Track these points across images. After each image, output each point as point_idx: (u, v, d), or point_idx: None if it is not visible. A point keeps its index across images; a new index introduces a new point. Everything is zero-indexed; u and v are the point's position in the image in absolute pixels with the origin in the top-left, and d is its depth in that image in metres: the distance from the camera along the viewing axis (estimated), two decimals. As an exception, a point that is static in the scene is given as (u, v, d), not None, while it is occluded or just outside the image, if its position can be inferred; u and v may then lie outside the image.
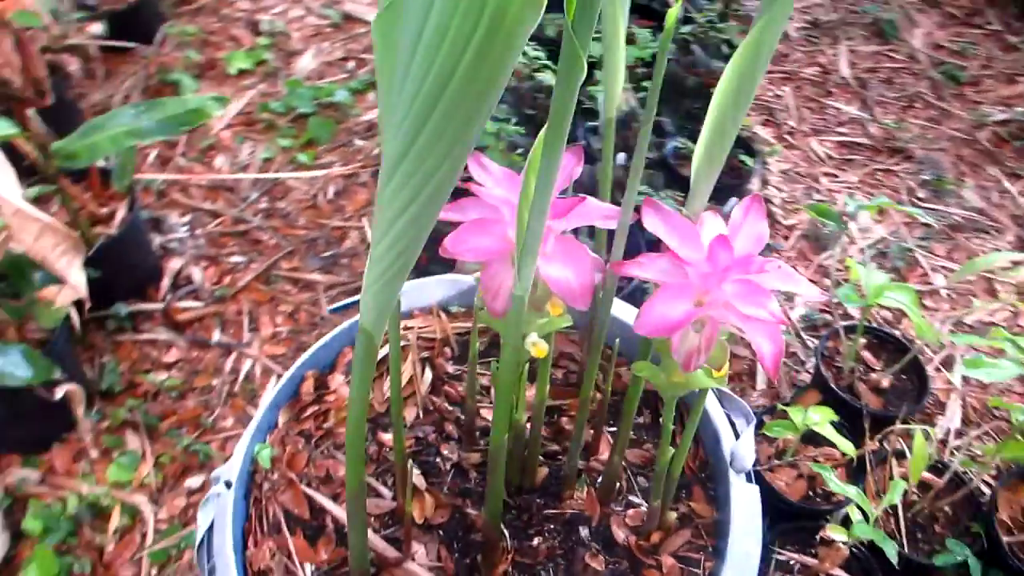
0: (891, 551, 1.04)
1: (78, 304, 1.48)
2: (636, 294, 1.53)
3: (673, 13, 0.61)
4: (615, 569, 0.94)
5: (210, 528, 0.96)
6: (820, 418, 1.24)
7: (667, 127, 1.86)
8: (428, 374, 1.12)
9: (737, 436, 1.00)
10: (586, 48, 0.49)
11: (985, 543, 1.24)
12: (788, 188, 2.00)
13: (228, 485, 0.98)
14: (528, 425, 0.96)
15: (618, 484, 1.00)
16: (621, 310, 1.09)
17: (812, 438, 1.29)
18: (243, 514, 0.99)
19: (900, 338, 1.49)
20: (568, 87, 0.51)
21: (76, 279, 0.99)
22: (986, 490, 1.36)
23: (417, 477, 1.01)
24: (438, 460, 1.04)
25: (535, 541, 0.97)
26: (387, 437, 1.06)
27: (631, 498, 1.01)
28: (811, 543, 1.24)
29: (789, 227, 1.92)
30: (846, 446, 1.20)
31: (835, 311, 1.65)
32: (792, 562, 1.22)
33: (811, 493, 1.29)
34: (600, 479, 1.00)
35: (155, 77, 2.38)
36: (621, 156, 1.71)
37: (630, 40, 1.99)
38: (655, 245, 0.67)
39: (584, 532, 0.97)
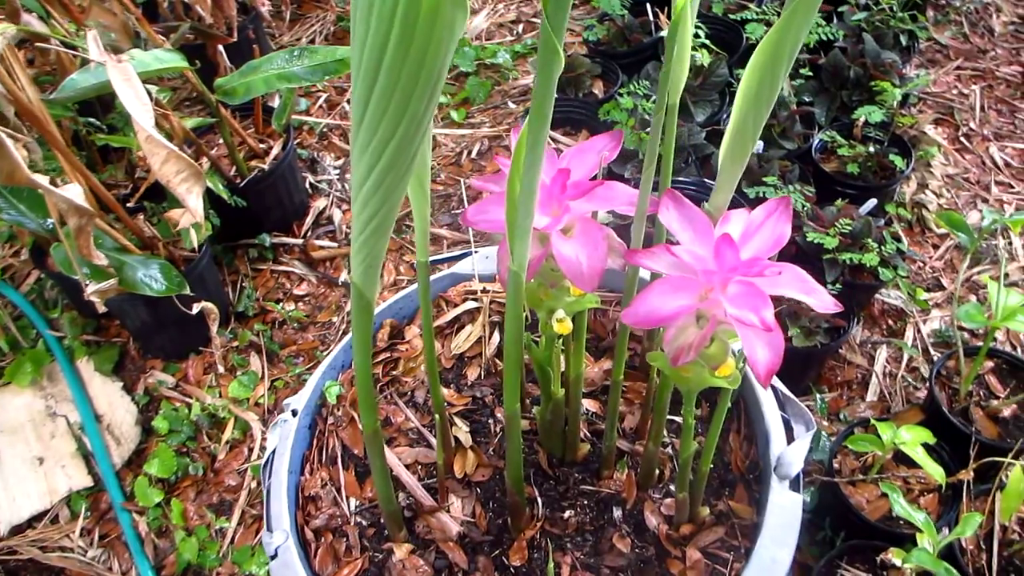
0: (950, 589, 0.97)
1: (221, 230, 1.63)
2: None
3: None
4: (640, 554, 0.94)
5: (275, 451, 1.05)
6: (912, 438, 1.17)
7: (819, 119, 1.77)
8: (496, 337, 1.15)
9: (790, 442, 0.97)
10: (561, 39, 0.49)
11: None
12: (950, 194, 1.84)
13: (294, 413, 1.07)
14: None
15: (659, 471, 0.99)
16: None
17: (909, 458, 1.21)
18: (305, 443, 1.07)
19: (1036, 366, 1.35)
20: (547, 77, 0.51)
21: (194, 204, 1.10)
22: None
23: (464, 434, 1.05)
24: (490, 421, 1.07)
25: (567, 513, 0.98)
26: (447, 391, 1.11)
27: (672, 488, 1.00)
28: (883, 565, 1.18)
29: (942, 236, 1.77)
30: (935, 471, 1.12)
31: (971, 331, 1.52)
32: (856, 582, 1.16)
33: (894, 515, 1.21)
34: (640, 464, 1.00)
35: (338, 24, 2.52)
36: (759, 144, 1.65)
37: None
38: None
39: (617, 513, 0.98)
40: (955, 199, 1.83)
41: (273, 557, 0.95)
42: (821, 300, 0.63)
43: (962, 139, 1.97)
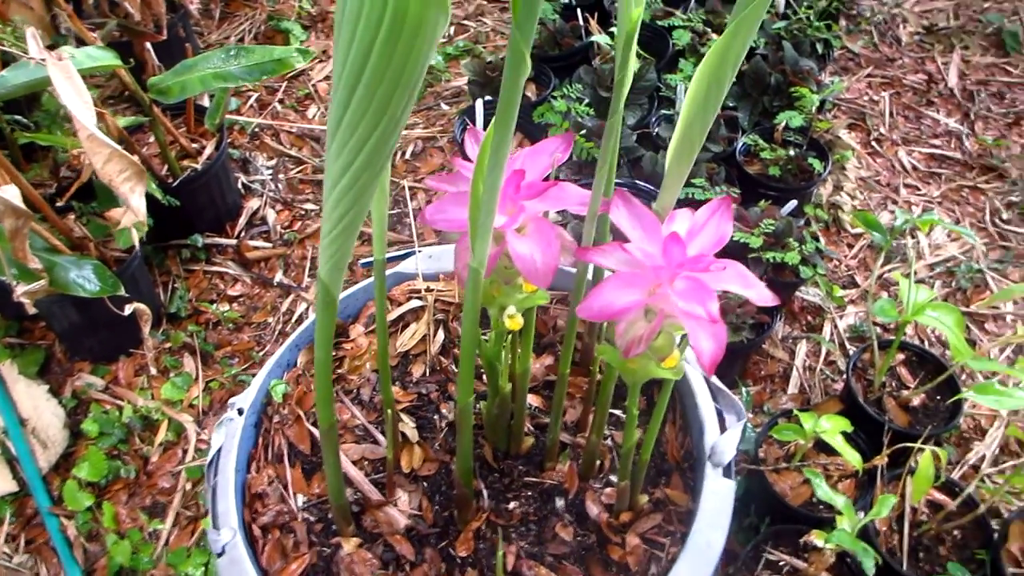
0: (868, 563, 1.04)
1: (153, 231, 1.60)
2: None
3: (636, 14, 0.63)
4: (582, 542, 0.98)
5: (221, 449, 1.05)
6: (831, 427, 1.24)
7: (742, 122, 1.84)
8: (441, 335, 1.17)
9: (723, 431, 1.02)
10: (528, 45, 0.52)
11: (989, 573, 1.21)
12: (863, 196, 1.95)
13: (240, 412, 1.07)
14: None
15: (599, 463, 1.03)
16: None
17: (828, 446, 1.29)
18: (251, 441, 1.08)
19: (940, 358, 1.45)
20: (514, 81, 0.54)
21: (136, 204, 1.09)
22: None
23: (411, 430, 1.07)
24: (435, 417, 1.10)
25: (511, 505, 1.01)
26: (393, 388, 1.12)
27: (612, 478, 1.04)
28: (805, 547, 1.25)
29: (856, 236, 1.88)
30: (853, 457, 1.20)
31: (884, 326, 1.62)
32: (782, 563, 1.23)
33: (815, 500, 1.29)
34: (582, 455, 1.04)
35: (268, 23, 2.49)
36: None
37: (719, 30, 1.97)
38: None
39: (560, 503, 1.01)
40: (868, 200, 1.94)
41: (220, 554, 0.95)
42: (760, 294, 0.67)
43: (873, 143, 2.09)
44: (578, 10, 2.02)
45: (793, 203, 1.62)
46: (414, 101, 0.49)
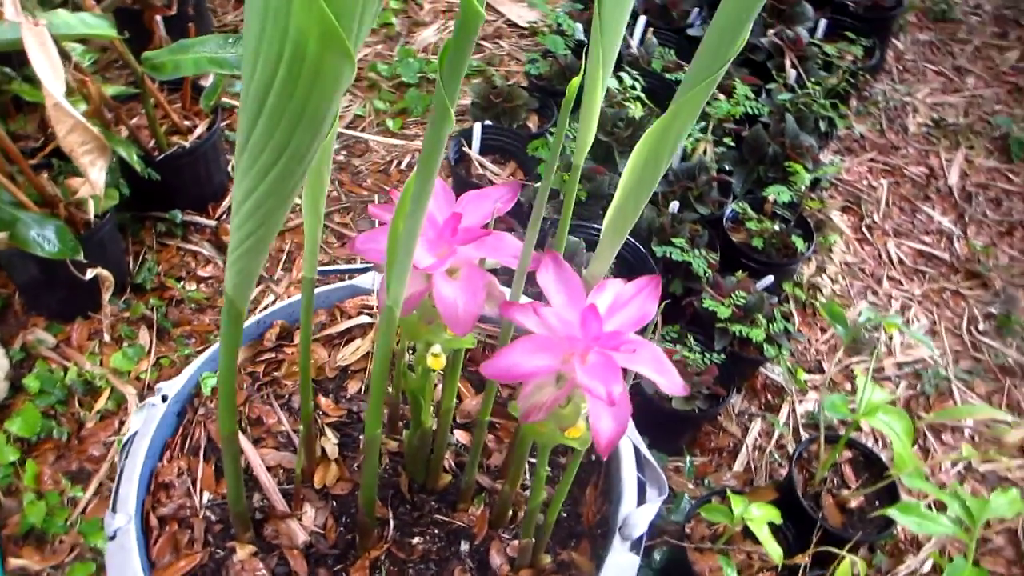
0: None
1: (133, 199, 1.60)
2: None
3: (597, 98, 0.63)
4: (478, 590, 0.96)
5: (137, 433, 1.04)
6: (760, 515, 1.22)
7: (735, 188, 1.84)
8: (382, 355, 1.16)
9: (640, 503, 1.00)
10: (453, 100, 0.51)
11: None
12: (844, 282, 1.94)
13: (164, 399, 1.05)
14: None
15: (512, 512, 1.02)
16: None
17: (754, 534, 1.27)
18: (170, 429, 1.06)
19: (887, 463, 1.43)
20: (437, 133, 0.54)
21: (95, 177, 1.08)
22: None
23: (332, 446, 1.06)
24: (360, 437, 1.08)
25: (416, 540, 1.00)
26: (324, 400, 1.11)
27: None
28: (713, 633, 1.23)
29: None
30: (774, 551, 1.18)
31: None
32: (686, 645, 1.21)
33: (732, 586, 1.27)
34: (495, 502, 1.02)
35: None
36: (675, 204, 1.71)
37: (727, 92, 1.97)
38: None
39: (464, 546, 1.00)
40: (848, 287, 1.93)
41: (112, 538, 0.94)
42: (671, 382, 0.66)
43: (864, 229, 2.08)
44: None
45: (769, 279, 1.61)
46: (322, 138, 0.48)
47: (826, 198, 2.06)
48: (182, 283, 1.74)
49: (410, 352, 1.01)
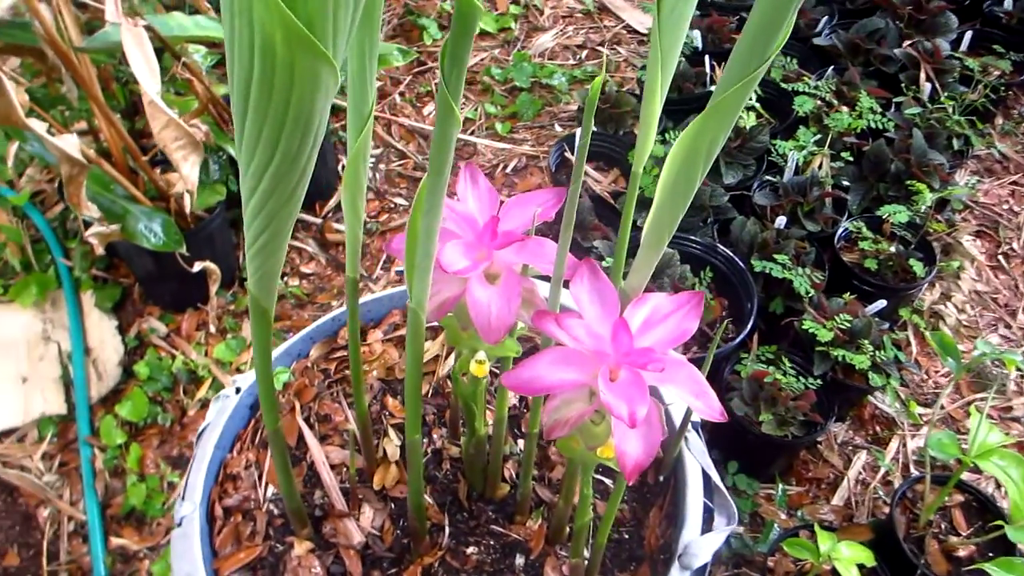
0: None
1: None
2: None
3: (597, 83, 0.59)
4: (528, 608, 0.93)
5: (211, 423, 1.07)
6: (849, 555, 1.14)
7: (851, 206, 1.72)
8: (452, 359, 1.15)
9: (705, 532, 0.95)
10: (457, 97, 0.49)
11: None
12: (972, 312, 1.78)
13: (237, 391, 1.08)
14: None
15: (569, 529, 0.98)
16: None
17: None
18: (242, 421, 1.09)
19: (1005, 512, 1.30)
20: (444, 134, 0.52)
21: (187, 172, 1.13)
22: None
23: (394, 448, 1.05)
24: (424, 440, 1.08)
25: (470, 549, 0.98)
26: (392, 401, 1.11)
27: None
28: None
29: (956, 350, 1.71)
30: (862, 596, 1.09)
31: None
32: None
33: (816, 628, 1.18)
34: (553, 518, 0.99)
35: (406, 16, 2.55)
36: (781, 220, 1.62)
37: (851, 104, 1.86)
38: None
39: (519, 560, 0.97)
40: (977, 318, 1.77)
41: (178, 525, 0.97)
42: (708, 406, 0.61)
43: (1000, 257, 1.90)
44: (706, 56, 1.95)
45: (881, 303, 1.50)
46: (316, 143, 0.47)
47: (958, 221, 1.90)
48: (285, 279, 1.80)
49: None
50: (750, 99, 1.84)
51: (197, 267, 1.56)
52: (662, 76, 0.72)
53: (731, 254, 1.52)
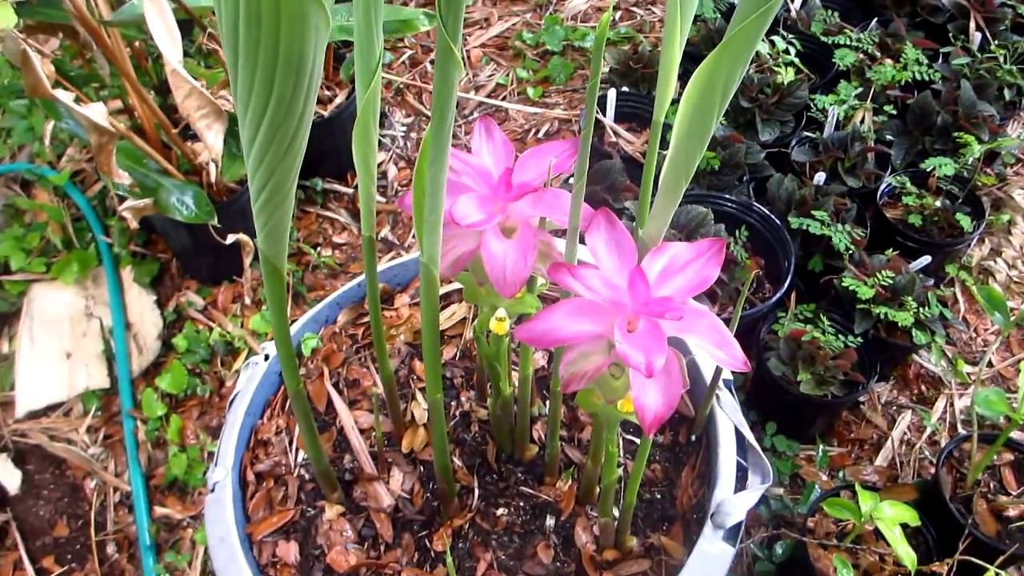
0: None
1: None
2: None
3: (606, 18, 0.56)
4: (559, 569, 0.93)
5: (242, 390, 1.07)
6: (892, 515, 1.10)
7: (894, 160, 1.67)
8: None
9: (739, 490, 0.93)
10: (456, 40, 0.48)
11: None
12: (1024, 267, 1.71)
13: (267, 358, 1.09)
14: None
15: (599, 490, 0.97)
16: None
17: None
18: (272, 388, 1.10)
19: (1059, 469, 1.25)
20: (445, 79, 0.50)
21: (212, 141, 1.13)
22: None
23: (421, 411, 1.05)
24: (452, 403, 1.07)
25: (500, 511, 0.97)
26: (419, 365, 1.11)
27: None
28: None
29: (1007, 306, 1.65)
30: (905, 554, 1.06)
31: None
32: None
33: (858, 589, 1.15)
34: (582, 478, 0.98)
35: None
36: (821, 176, 1.57)
37: (895, 56, 1.79)
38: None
39: (549, 521, 0.96)
40: (1029, 273, 1.70)
41: (211, 491, 0.98)
42: (731, 356, 0.59)
43: (1056, 210, 1.83)
44: (742, 13, 1.89)
45: (926, 259, 1.45)
46: (312, 88, 0.46)
47: (1009, 175, 1.83)
48: (318, 249, 1.80)
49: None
50: (788, 53, 1.79)
51: (230, 239, 1.57)
52: (681, 20, 0.69)
53: (768, 212, 1.48)
